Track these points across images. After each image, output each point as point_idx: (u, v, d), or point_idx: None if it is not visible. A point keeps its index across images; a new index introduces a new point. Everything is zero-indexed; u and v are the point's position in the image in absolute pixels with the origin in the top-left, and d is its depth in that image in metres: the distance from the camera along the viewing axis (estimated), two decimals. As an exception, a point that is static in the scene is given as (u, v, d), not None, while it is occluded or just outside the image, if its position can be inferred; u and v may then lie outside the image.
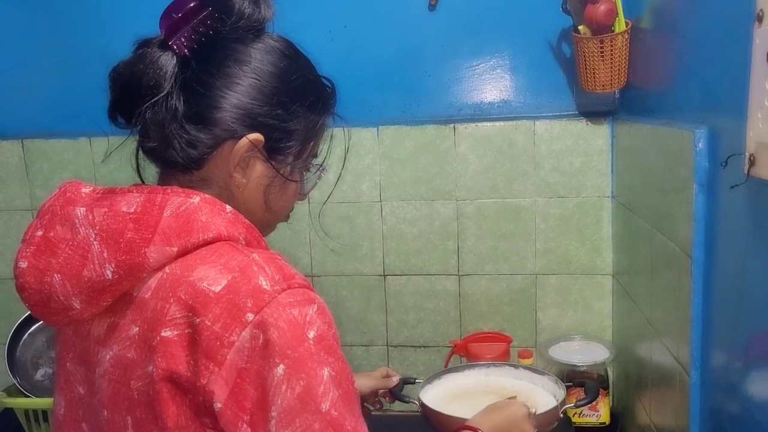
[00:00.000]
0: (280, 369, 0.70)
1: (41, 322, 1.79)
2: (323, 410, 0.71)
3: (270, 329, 0.71)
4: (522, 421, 1.13)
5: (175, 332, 0.73)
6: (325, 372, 0.72)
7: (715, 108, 1.01)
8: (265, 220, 0.90)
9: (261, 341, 0.71)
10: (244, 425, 0.71)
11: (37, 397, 1.72)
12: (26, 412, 1.71)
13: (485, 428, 1.09)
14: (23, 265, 0.79)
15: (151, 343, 0.74)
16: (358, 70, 1.76)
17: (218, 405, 0.71)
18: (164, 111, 0.80)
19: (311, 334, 0.73)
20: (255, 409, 0.71)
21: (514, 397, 1.24)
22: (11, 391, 1.77)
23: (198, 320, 0.72)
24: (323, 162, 0.95)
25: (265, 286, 0.73)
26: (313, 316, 0.74)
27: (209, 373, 0.71)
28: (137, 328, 0.76)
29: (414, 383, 1.44)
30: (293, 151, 0.87)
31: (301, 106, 0.86)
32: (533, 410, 1.16)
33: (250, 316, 0.72)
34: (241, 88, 0.82)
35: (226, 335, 0.71)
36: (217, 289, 0.73)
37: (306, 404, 0.71)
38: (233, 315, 0.72)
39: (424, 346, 1.88)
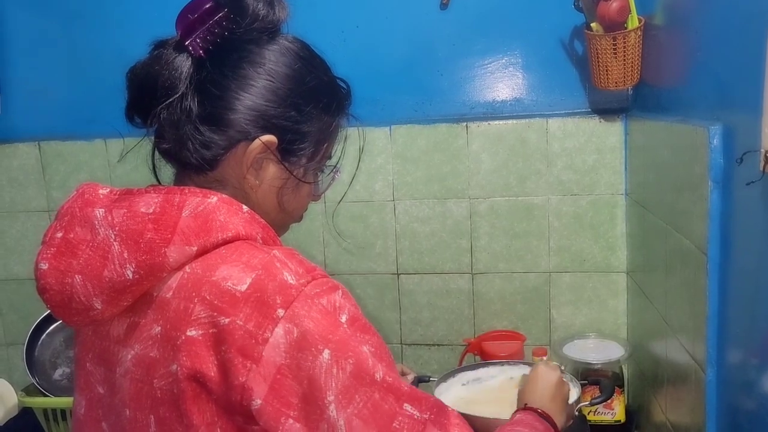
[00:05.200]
0: (326, 354, 0.72)
1: (59, 322, 1.82)
2: (378, 379, 0.74)
3: (304, 321, 0.73)
4: (548, 373, 1.11)
5: (200, 332, 0.74)
6: (365, 349, 0.75)
7: (729, 104, 1.01)
8: (279, 220, 0.90)
9: (296, 335, 0.72)
10: (290, 420, 0.72)
11: (55, 396, 1.74)
12: (45, 411, 1.73)
13: (535, 401, 1.05)
14: (44, 266, 0.80)
15: (175, 343, 0.75)
16: (371, 70, 1.76)
17: (258, 402, 0.72)
18: (179, 112, 0.81)
19: (343, 318, 0.75)
20: (303, 403, 0.72)
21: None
22: (30, 391, 1.79)
23: (227, 320, 0.73)
24: (337, 163, 0.95)
25: (291, 281, 0.75)
26: (341, 301, 0.77)
27: (247, 371, 0.72)
28: (159, 328, 0.77)
29: (428, 381, 1.44)
30: (307, 153, 0.88)
31: (315, 107, 0.86)
32: (545, 359, 1.16)
33: (280, 312, 0.73)
34: (255, 90, 0.82)
35: (260, 332, 0.72)
36: (243, 288, 0.74)
37: (361, 379, 0.73)
38: (264, 313, 0.73)
39: (438, 345, 1.88)
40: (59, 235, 0.81)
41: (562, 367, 1.18)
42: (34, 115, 1.97)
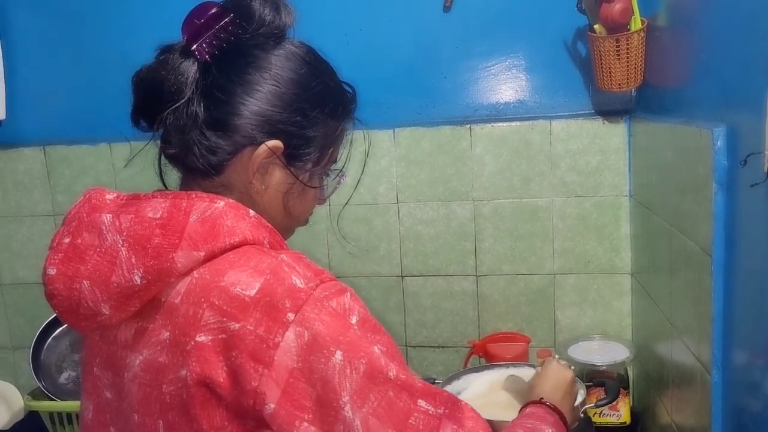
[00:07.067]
0: (339, 355, 0.73)
1: (65, 326, 1.83)
2: (392, 377, 0.75)
3: (315, 324, 0.73)
4: (563, 371, 1.14)
5: (209, 337, 0.74)
6: (376, 349, 0.75)
7: (733, 106, 1.01)
8: (285, 224, 0.91)
9: (307, 338, 0.73)
10: (304, 423, 0.72)
11: (61, 400, 1.75)
12: (51, 415, 1.74)
13: (547, 396, 1.06)
14: (52, 272, 0.80)
15: (184, 348, 0.75)
16: (374, 73, 1.76)
17: (271, 406, 0.72)
18: (185, 117, 0.81)
19: (354, 320, 0.76)
20: (317, 406, 0.72)
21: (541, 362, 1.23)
22: (36, 395, 1.79)
23: (237, 325, 0.73)
24: (343, 167, 0.95)
25: (300, 285, 0.75)
26: (350, 303, 0.77)
27: (259, 375, 0.72)
28: (168, 333, 0.77)
29: (434, 383, 1.44)
30: (312, 158, 0.88)
31: (320, 112, 0.86)
32: (557, 357, 1.19)
33: (290, 316, 0.73)
34: (261, 95, 0.82)
35: (271, 337, 0.72)
36: (252, 293, 0.74)
37: (374, 378, 0.74)
38: (273, 317, 0.73)
39: (442, 347, 1.89)
40: (67, 240, 0.81)
41: (572, 367, 1.18)
42: (39, 120, 1.98)
